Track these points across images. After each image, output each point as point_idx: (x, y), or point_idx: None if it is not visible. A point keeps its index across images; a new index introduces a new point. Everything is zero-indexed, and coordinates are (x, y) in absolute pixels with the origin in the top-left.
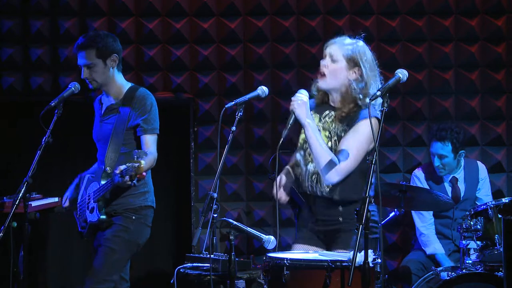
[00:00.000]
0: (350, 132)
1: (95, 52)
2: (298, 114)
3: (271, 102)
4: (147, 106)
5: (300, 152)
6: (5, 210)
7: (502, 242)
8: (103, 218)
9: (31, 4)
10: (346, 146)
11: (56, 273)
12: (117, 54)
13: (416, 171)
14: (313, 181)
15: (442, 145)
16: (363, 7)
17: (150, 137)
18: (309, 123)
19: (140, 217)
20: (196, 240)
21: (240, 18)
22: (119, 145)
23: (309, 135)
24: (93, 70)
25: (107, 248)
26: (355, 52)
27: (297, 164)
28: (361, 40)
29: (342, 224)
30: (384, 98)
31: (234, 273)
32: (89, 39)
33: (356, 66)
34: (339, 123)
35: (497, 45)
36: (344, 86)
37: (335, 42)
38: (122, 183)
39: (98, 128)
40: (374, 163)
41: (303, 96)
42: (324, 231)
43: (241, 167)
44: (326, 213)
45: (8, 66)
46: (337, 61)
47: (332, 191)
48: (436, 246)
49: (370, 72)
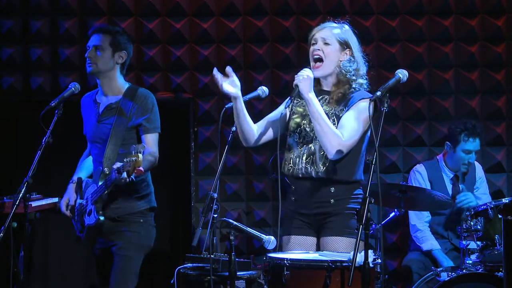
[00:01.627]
0: (350, 110)
1: (110, 39)
2: (301, 89)
3: (271, 102)
4: (148, 105)
5: (293, 136)
6: (5, 210)
7: (502, 242)
8: (102, 220)
9: (31, 4)
10: (347, 123)
11: (56, 273)
12: (127, 53)
13: (418, 167)
14: (307, 163)
15: (479, 141)
16: (363, 7)
17: (151, 136)
18: (313, 97)
19: (147, 219)
20: (196, 240)
21: (240, 18)
22: (118, 145)
23: (312, 110)
24: (99, 53)
25: (123, 258)
26: (345, 34)
27: (289, 148)
28: (346, 24)
29: (333, 206)
30: (384, 98)
31: (234, 273)
32: (110, 27)
33: (347, 48)
34: (335, 105)
35: (497, 45)
36: (338, 68)
37: (324, 26)
38: (119, 180)
39: (94, 128)
40: (374, 163)
41: (308, 72)
42: (314, 214)
43: (241, 167)
44: (317, 195)
45: (8, 66)
46: (330, 44)
47: (328, 170)
48: (433, 242)
49: (359, 53)
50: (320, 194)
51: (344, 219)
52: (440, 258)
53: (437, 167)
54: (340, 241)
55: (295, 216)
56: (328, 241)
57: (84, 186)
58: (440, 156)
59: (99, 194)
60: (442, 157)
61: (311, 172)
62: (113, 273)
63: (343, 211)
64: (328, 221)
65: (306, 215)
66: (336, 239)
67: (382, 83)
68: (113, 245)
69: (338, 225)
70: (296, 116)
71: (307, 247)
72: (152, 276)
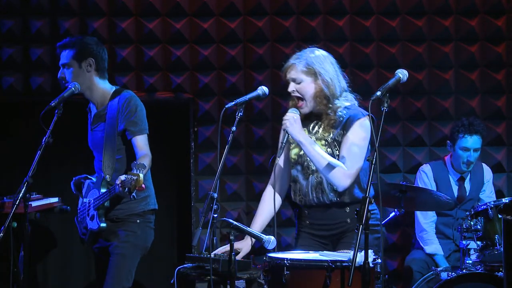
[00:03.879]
0: (349, 135)
1: (72, 52)
2: (291, 132)
3: (271, 102)
4: (131, 108)
5: (296, 168)
6: (5, 210)
7: (502, 242)
8: (103, 227)
9: (31, 4)
10: (348, 148)
11: (56, 273)
12: (94, 58)
13: (424, 167)
14: (317, 192)
15: (477, 138)
16: (363, 7)
17: (140, 138)
18: (304, 139)
19: (145, 220)
20: (196, 240)
21: (240, 18)
22: (114, 151)
23: (308, 151)
24: (67, 70)
25: (118, 256)
26: (311, 63)
27: (294, 180)
28: (308, 48)
29: (350, 224)
30: (384, 98)
31: (234, 273)
32: (70, 41)
33: (317, 74)
34: (332, 128)
35: (497, 45)
36: (320, 97)
37: (289, 65)
38: (122, 194)
39: (90, 136)
40: (374, 163)
41: (294, 114)
42: (330, 235)
43: (241, 167)
44: (333, 218)
45: (8, 66)
46: (301, 81)
47: (341, 195)
48: (437, 246)
49: (331, 74)
50: (336, 217)
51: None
52: (442, 265)
53: (443, 167)
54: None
55: (310, 237)
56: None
57: (86, 188)
58: (447, 157)
59: (102, 202)
60: (449, 158)
61: (324, 200)
62: (108, 271)
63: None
64: (345, 236)
65: (324, 236)
66: (348, 252)
67: (382, 83)
68: (110, 245)
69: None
70: (293, 146)
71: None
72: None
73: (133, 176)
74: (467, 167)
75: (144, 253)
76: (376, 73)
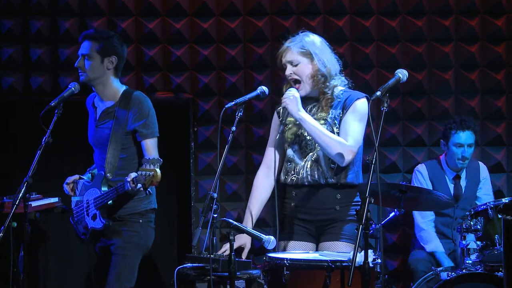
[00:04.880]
0: (349, 113)
1: (97, 46)
2: (291, 109)
3: (271, 102)
4: (144, 110)
5: (292, 147)
6: (5, 210)
7: (502, 242)
8: (108, 224)
9: (31, 4)
10: (349, 126)
11: (56, 273)
12: (117, 57)
13: (419, 166)
14: (313, 169)
15: (470, 133)
16: (363, 7)
17: (151, 142)
18: (305, 115)
19: (146, 220)
20: (196, 240)
21: (240, 18)
22: (118, 150)
23: (308, 127)
24: (88, 62)
25: (121, 256)
26: (306, 45)
27: (289, 160)
28: (301, 32)
29: (338, 213)
30: (384, 98)
31: (234, 273)
32: (97, 32)
33: (313, 55)
34: (331, 109)
35: (497, 45)
36: (317, 76)
37: (284, 49)
38: (132, 191)
39: (93, 133)
40: (374, 163)
41: (293, 91)
42: (317, 220)
43: (241, 167)
44: (322, 202)
45: (8, 66)
46: (298, 63)
47: (336, 174)
48: (437, 244)
49: (326, 55)
50: (326, 200)
51: (346, 225)
52: (443, 261)
53: (438, 166)
54: (340, 246)
55: (294, 221)
56: (329, 245)
57: (81, 187)
58: (442, 156)
59: (106, 201)
60: (444, 157)
61: (319, 179)
62: (110, 271)
63: (345, 218)
64: (330, 227)
65: (308, 221)
66: (337, 244)
67: (382, 83)
68: (112, 244)
69: (340, 230)
70: (290, 126)
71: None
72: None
73: (148, 172)
74: (462, 163)
75: (145, 252)
76: (376, 73)
